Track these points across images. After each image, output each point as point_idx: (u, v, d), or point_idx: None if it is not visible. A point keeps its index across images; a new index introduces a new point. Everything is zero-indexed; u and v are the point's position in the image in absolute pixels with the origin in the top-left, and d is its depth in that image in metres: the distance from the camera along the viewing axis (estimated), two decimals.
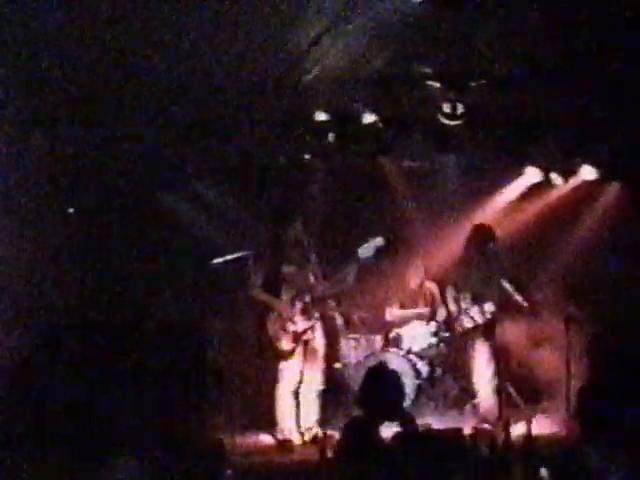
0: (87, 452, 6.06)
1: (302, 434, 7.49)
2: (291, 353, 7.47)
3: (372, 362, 7.61)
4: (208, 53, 6.29)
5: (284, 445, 7.39)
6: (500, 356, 7.80)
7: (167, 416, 6.94)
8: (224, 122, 7.72)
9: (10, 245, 7.04)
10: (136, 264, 8.15)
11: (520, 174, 8.92)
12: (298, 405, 7.55)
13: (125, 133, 7.47)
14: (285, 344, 7.46)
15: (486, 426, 7.30)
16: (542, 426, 6.91)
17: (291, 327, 7.46)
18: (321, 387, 7.62)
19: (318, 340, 7.62)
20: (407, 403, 6.60)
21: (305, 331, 7.52)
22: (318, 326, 7.63)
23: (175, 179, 8.36)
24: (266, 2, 5.61)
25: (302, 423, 7.54)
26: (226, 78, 6.76)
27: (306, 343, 7.53)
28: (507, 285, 7.72)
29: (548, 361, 7.89)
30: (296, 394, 7.53)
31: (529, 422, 5.86)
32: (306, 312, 7.52)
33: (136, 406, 6.98)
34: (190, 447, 4.96)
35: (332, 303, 8.32)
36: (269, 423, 7.57)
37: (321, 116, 7.76)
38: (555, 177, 8.73)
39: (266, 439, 7.63)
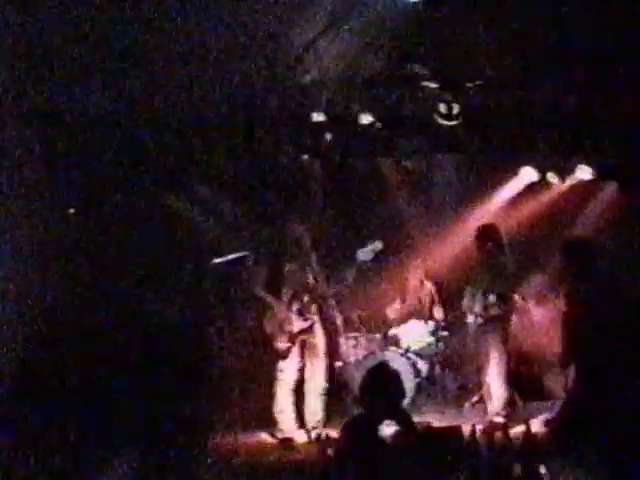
0: (87, 452, 6.07)
1: (308, 432, 7.50)
2: (287, 352, 7.52)
3: (372, 361, 7.65)
4: (206, 53, 6.30)
5: (284, 444, 7.40)
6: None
7: (167, 416, 6.94)
8: (223, 122, 7.73)
9: (9, 245, 7.04)
10: (136, 264, 8.16)
11: (517, 174, 8.94)
12: (300, 404, 7.57)
13: (125, 133, 7.48)
14: (281, 343, 7.51)
15: (499, 419, 7.27)
16: (541, 425, 6.91)
17: (287, 327, 7.51)
18: (324, 386, 7.64)
19: (318, 339, 7.65)
20: (406, 402, 6.62)
21: (301, 331, 7.55)
22: (317, 325, 7.66)
23: (175, 179, 8.37)
24: (265, 2, 5.64)
25: (306, 422, 7.57)
26: (224, 78, 6.77)
27: (305, 342, 7.56)
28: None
29: (546, 360, 7.91)
30: (297, 393, 7.55)
31: (528, 421, 5.88)
32: (303, 312, 7.56)
33: (135, 405, 6.98)
34: (190, 446, 4.98)
35: (332, 302, 8.34)
36: (269, 422, 7.59)
37: (319, 117, 7.77)
38: (552, 177, 8.76)
39: (267, 438, 7.63)
